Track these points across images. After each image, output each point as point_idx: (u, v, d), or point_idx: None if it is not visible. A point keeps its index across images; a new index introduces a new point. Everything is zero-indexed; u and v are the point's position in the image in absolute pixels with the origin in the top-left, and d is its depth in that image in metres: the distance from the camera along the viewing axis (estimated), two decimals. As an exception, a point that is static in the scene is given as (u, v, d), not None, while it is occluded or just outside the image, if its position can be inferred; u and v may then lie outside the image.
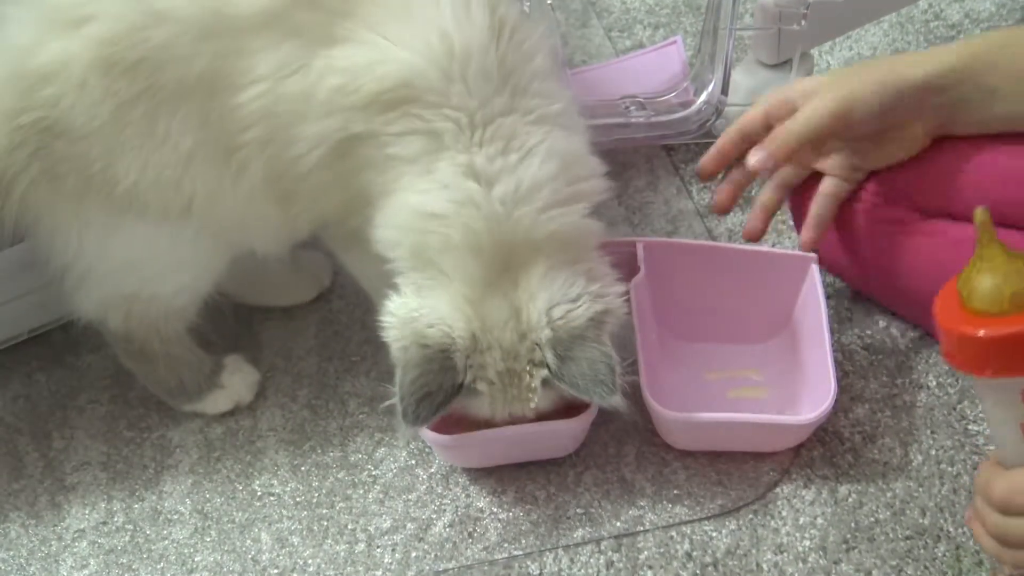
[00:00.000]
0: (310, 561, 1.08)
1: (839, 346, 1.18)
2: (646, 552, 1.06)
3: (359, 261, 1.13)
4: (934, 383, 1.15)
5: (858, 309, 1.21)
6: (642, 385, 1.05)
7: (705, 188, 1.35)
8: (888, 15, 1.52)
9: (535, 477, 1.11)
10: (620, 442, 1.13)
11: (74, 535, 1.12)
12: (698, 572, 1.04)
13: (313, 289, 1.28)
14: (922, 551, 1.04)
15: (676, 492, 1.09)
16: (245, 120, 0.98)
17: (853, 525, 1.06)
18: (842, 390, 1.14)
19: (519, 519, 1.09)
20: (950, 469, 1.09)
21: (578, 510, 1.09)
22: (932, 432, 1.12)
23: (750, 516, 1.07)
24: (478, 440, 1.06)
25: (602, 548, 1.06)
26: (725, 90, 1.32)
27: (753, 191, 1.25)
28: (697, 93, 1.34)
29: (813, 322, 1.10)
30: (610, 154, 1.08)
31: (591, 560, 1.05)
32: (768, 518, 1.07)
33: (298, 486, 1.13)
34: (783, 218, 1.26)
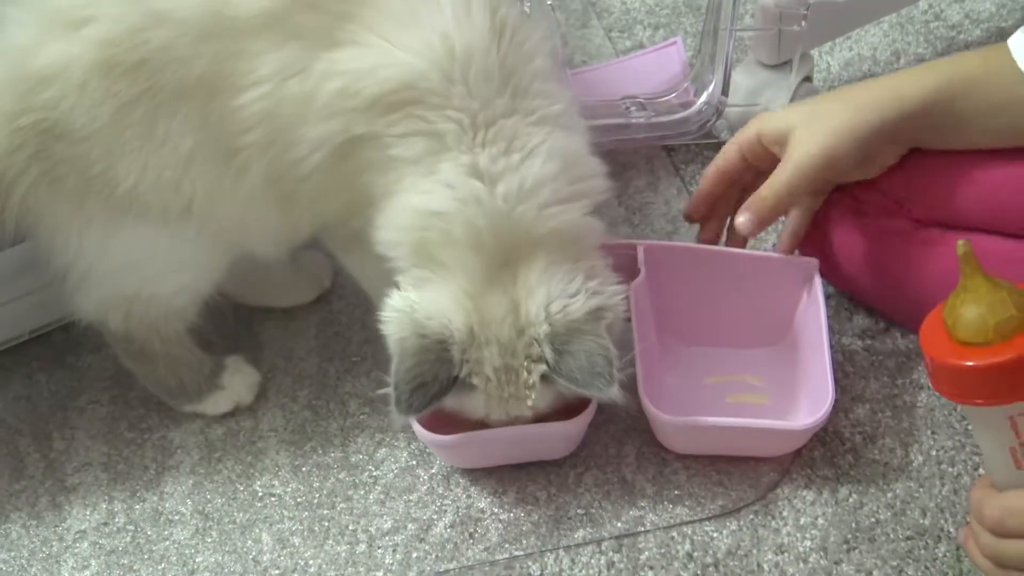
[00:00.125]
0: (311, 562, 1.08)
1: (839, 346, 1.18)
2: (647, 553, 1.06)
3: (359, 262, 1.13)
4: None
5: (859, 310, 1.21)
6: (640, 389, 1.05)
7: (705, 188, 1.35)
8: (888, 16, 1.52)
9: (536, 478, 1.11)
10: (620, 443, 1.13)
11: (75, 536, 1.12)
12: (699, 572, 1.04)
13: (313, 290, 1.28)
14: (923, 551, 1.04)
15: (677, 493, 1.09)
16: (246, 122, 0.98)
17: (854, 525, 1.06)
18: (842, 390, 1.14)
19: (520, 520, 1.09)
20: (951, 469, 1.09)
21: (579, 511, 1.09)
22: (933, 432, 1.12)
23: (751, 516, 1.07)
24: (477, 441, 1.06)
25: (603, 549, 1.06)
26: (725, 91, 1.32)
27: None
28: (697, 94, 1.34)
29: (813, 328, 1.10)
30: (610, 154, 1.08)
31: (592, 561, 1.05)
32: (769, 518, 1.07)
33: (299, 487, 1.13)
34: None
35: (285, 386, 1.22)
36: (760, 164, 1.11)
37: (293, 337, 1.26)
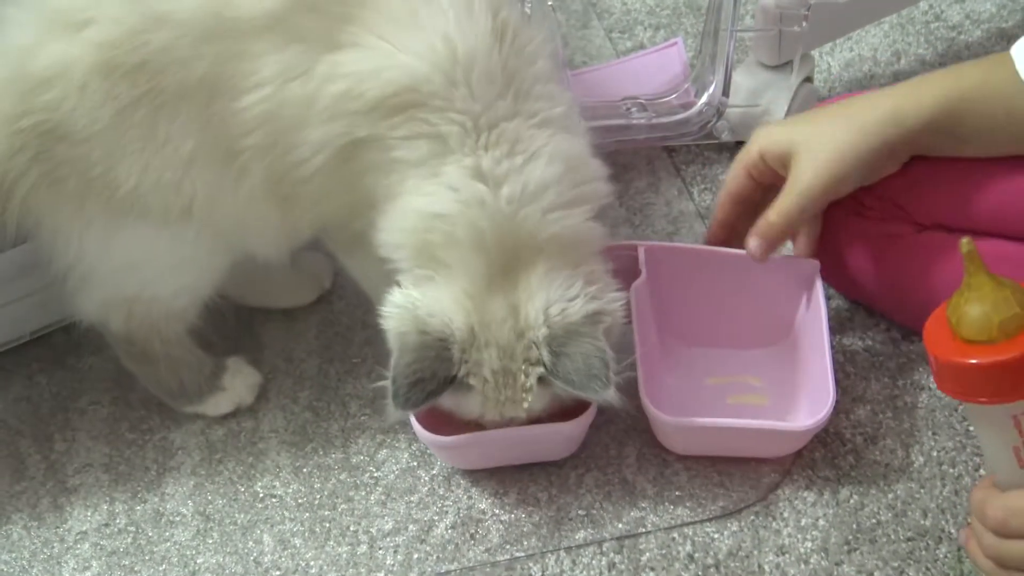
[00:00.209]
0: (312, 563, 1.08)
1: (840, 347, 1.18)
2: (648, 554, 1.06)
3: (360, 263, 1.13)
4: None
5: (859, 311, 1.21)
6: (641, 390, 1.05)
7: (707, 189, 1.35)
8: (889, 16, 1.52)
9: (537, 479, 1.11)
10: (621, 444, 1.13)
11: (76, 537, 1.12)
12: (700, 574, 1.04)
13: (314, 291, 1.28)
14: (924, 552, 1.04)
15: (678, 494, 1.09)
16: (247, 124, 0.98)
17: (855, 526, 1.06)
18: (843, 391, 1.14)
19: (521, 521, 1.09)
20: (952, 470, 1.09)
21: (580, 512, 1.09)
22: (933, 433, 1.12)
23: (752, 517, 1.07)
24: (478, 442, 1.06)
25: (604, 550, 1.06)
26: (726, 91, 1.32)
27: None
28: (698, 94, 1.34)
29: (814, 329, 1.10)
30: (611, 155, 1.08)
31: (593, 562, 1.05)
32: (770, 519, 1.07)
33: (300, 488, 1.13)
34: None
35: (286, 387, 1.22)
36: (767, 181, 1.11)
37: (294, 338, 1.26)
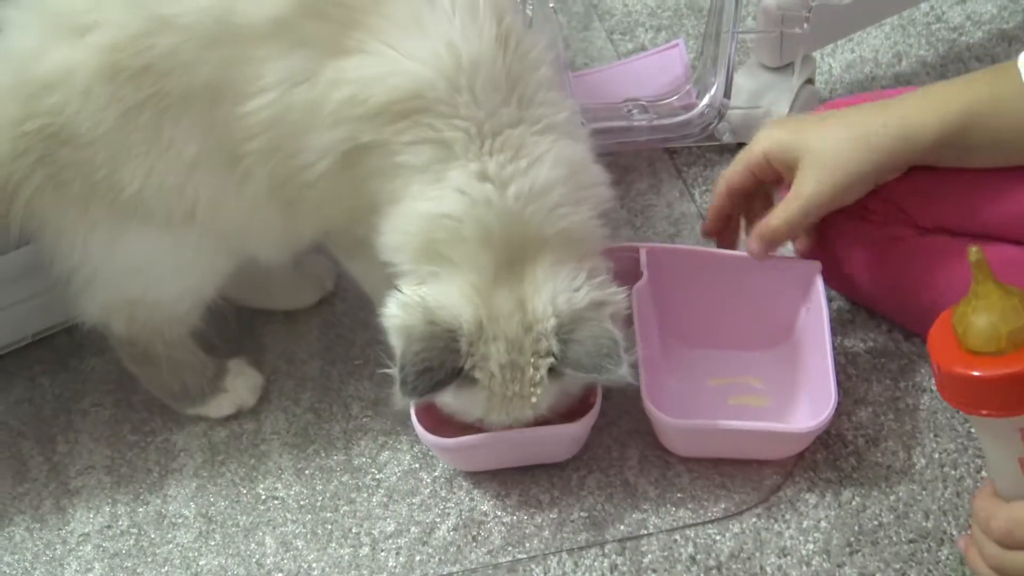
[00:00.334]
0: (314, 565, 1.08)
1: (842, 349, 1.18)
2: (650, 556, 1.06)
3: (363, 267, 1.13)
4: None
5: (861, 312, 1.21)
6: (643, 391, 1.05)
7: (708, 191, 1.35)
8: (890, 18, 1.52)
9: (539, 481, 1.11)
10: (623, 445, 1.13)
11: (78, 539, 1.12)
12: (702, 575, 1.04)
13: (316, 293, 1.28)
14: (925, 554, 1.04)
15: (679, 495, 1.09)
16: (251, 129, 0.98)
17: (856, 528, 1.06)
18: (845, 393, 1.14)
19: (523, 523, 1.09)
20: (953, 472, 1.09)
21: (582, 513, 1.09)
22: (935, 435, 1.12)
23: (753, 519, 1.07)
24: (480, 443, 1.06)
25: (606, 552, 1.06)
26: (728, 93, 1.32)
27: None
28: (699, 96, 1.34)
29: (816, 330, 1.10)
30: (612, 157, 1.08)
31: (595, 564, 1.06)
32: (771, 521, 1.07)
33: (302, 490, 1.13)
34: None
35: (288, 389, 1.22)
36: (768, 179, 1.11)
37: (296, 340, 1.26)
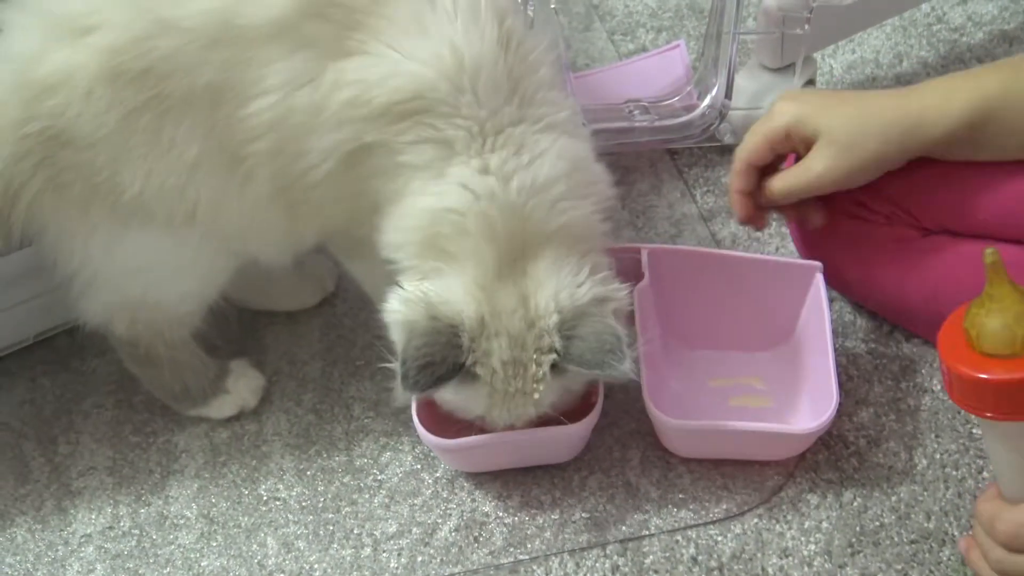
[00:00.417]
0: (316, 566, 1.08)
1: (843, 350, 1.18)
2: (651, 557, 1.06)
3: (364, 268, 1.13)
4: (938, 387, 1.15)
5: (862, 313, 1.21)
6: (644, 392, 1.05)
7: (709, 192, 1.35)
8: (891, 19, 1.52)
9: (540, 482, 1.11)
10: (625, 446, 1.13)
11: (80, 540, 1.12)
12: (703, 576, 1.04)
13: (317, 294, 1.28)
14: (927, 555, 1.04)
15: (681, 496, 1.09)
16: (253, 131, 0.99)
17: (858, 529, 1.06)
18: (846, 394, 1.14)
19: (524, 523, 1.09)
20: (955, 473, 1.09)
21: (583, 515, 1.09)
22: (937, 436, 1.12)
23: (755, 520, 1.07)
24: (482, 444, 1.06)
25: (607, 553, 1.06)
26: (729, 94, 1.32)
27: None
28: (701, 97, 1.34)
29: (817, 331, 1.10)
30: (614, 158, 1.08)
31: (597, 565, 1.06)
32: (773, 522, 1.07)
33: (304, 490, 1.13)
34: (783, 227, 1.27)
35: (289, 390, 1.22)
36: (784, 153, 1.11)
37: (297, 341, 1.26)
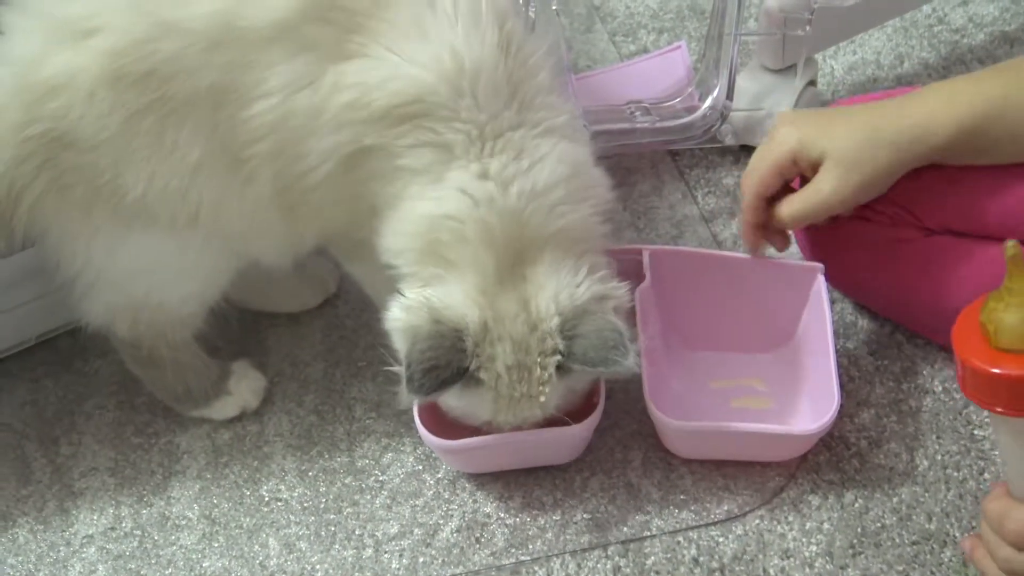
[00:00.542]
0: (318, 567, 1.08)
1: (844, 351, 1.18)
2: (653, 558, 1.06)
3: (364, 271, 1.13)
4: (940, 388, 1.15)
5: (863, 314, 1.21)
6: (645, 393, 1.06)
7: (710, 193, 1.35)
8: (892, 20, 1.52)
9: (542, 483, 1.11)
10: (626, 447, 1.13)
11: (82, 541, 1.12)
12: (705, 577, 1.04)
13: (319, 295, 1.28)
14: (928, 556, 1.04)
15: (683, 497, 1.09)
16: (254, 133, 0.99)
17: (859, 530, 1.06)
18: (848, 395, 1.14)
19: (526, 524, 1.09)
20: (956, 474, 1.09)
21: (585, 516, 1.09)
22: (938, 437, 1.12)
23: (756, 521, 1.08)
24: (483, 445, 1.06)
25: (609, 554, 1.06)
26: (730, 95, 1.32)
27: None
28: (702, 98, 1.34)
29: (818, 333, 1.10)
30: (615, 159, 1.08)
31: (598, 566, 1.06)
32: (774, 523, 1.07)
33: (305, 491, 1.13)
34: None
35: (291, 391, 1.22)
36: (793, 177, 1.11)
37: (299, 342, 1.26)
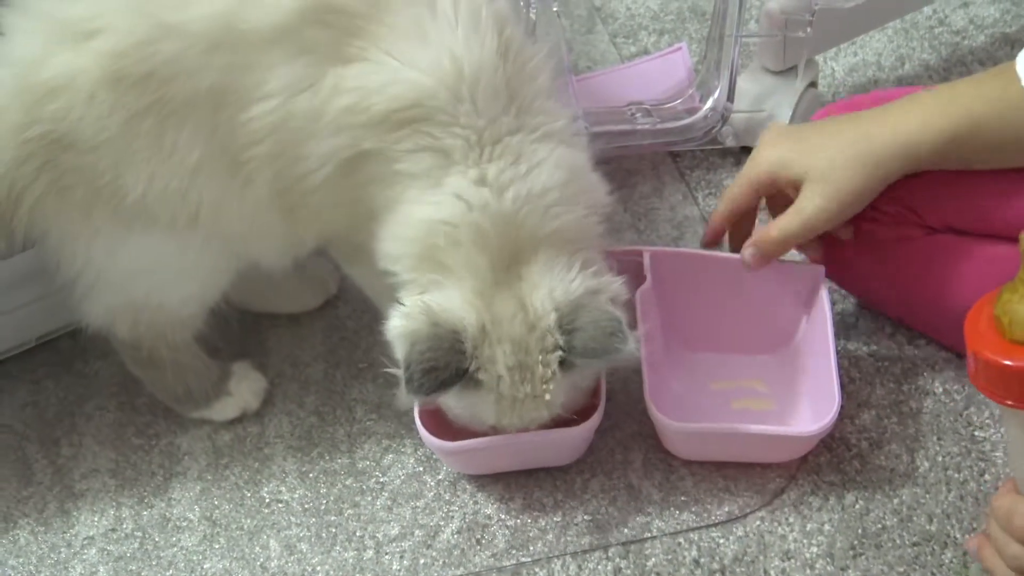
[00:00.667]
0: (319, 568, 1.08)
1: (845, 352, 1.18)
2: (653, 559, 1.06)
3: (364, 273, 1.13)
4: (940, 389, 1.15)
5: (864, 315, 1.21)
6: (646, 394, 1.06)
7: (711, 194, 1.35)
8: (893, 21, 1.52)
9: (542, 484, 1.11)
10: (627, 449, 1.13)
11: (83, 542, 1.12)
12: (705, 579, 1.04)
13: (320, 296, 1.28)
14: (929, 557, 1.04)
15: (683, 499, 1.09)
16: (254, 135, 0.99)
17: (860, 531, 1.06)
18: (848, 396, 1.14)
19: (527, 526, 1.09)
20: (957, 475, 1.09)
21: (586, 517, 1.09)
22: (939, 438, 1.12)
23: (757, 522, 1.07)
24: (483, 447, 1.06)
25: (610, 555, 1.06)
26: (731, 97, 1.32)
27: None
28: (703, 100, 1.34)
29: (819, 334, 1.10)
30: (616, 161, 1.08)
31: (599, 567, 1.06)
32: (775, 524, 1.07)
33: (306, 493, 1.13)
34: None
35: (292, 392, 1.22)
36: (770, 195, 1.12)
37: (299, 343, 1.26)
